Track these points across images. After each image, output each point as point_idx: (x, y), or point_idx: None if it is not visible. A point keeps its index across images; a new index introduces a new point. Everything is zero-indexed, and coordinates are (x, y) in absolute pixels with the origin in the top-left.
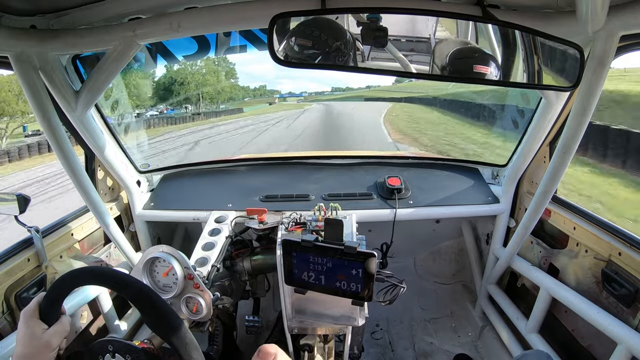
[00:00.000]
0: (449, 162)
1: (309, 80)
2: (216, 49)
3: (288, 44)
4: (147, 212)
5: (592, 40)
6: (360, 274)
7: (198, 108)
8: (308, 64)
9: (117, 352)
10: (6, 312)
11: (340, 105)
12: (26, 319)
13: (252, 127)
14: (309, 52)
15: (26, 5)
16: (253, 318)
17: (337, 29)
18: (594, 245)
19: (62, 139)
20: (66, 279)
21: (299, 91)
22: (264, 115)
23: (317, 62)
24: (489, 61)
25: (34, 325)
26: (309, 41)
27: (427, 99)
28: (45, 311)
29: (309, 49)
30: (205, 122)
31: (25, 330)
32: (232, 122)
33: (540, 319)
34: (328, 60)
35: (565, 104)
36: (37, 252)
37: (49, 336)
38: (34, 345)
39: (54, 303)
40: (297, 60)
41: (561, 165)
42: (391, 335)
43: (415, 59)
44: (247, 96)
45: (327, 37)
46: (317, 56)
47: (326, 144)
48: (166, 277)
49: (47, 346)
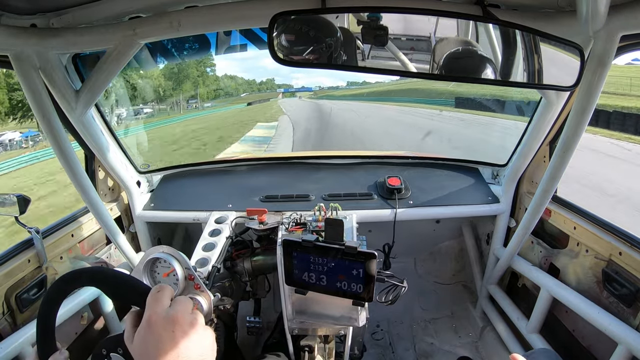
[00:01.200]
0: (449, 162)
1: (326, 75)
2: (216, 48)
3: (284, 41)
4: (147, 212)
5: (593, 40)
6: (360, 274)
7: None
8: (308, 63)
9: (110, 351)
10: (6, 313)
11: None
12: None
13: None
14: (303, 47)
15: (26, 4)
16: (254, 319)
17: (334, 28)
18: (595, 245)
19: (62, 139)
20: (40, 314)
21: (313, 86)
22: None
23: (318, 61)
24: (489, 61)
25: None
26: (293, 36)
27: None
28: (41, 354)
29: (303, 45)
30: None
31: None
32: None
33: (541, 319)
34: (328, 59)
35: (565, 104)
36: (38, 253)
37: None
38: None
39: (45, 343)
40: (297, 59)
41: (561, 165)
42: (392, 335)
43: (415, 58)
44: (249, 90)
45: (316, 34)
46: (314, 53)
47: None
48: (167, 277)
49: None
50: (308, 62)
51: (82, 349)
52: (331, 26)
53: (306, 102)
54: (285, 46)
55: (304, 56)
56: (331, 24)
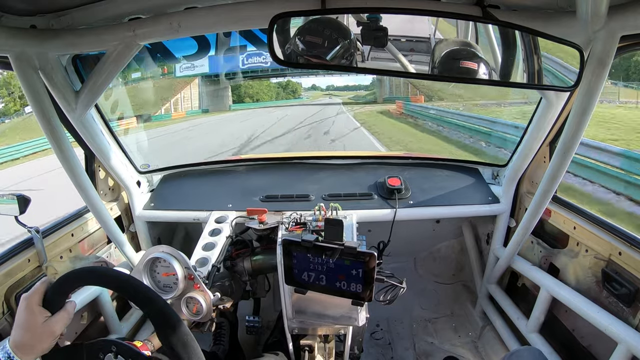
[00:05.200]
0: (449, 162)
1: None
2: (216, 49)
3: (295, 42)
4: (147, 212)
5: (592, 40)
6: (360, 274)
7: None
8: (309, 64)
9: (120, 354)
10: (6, 312)
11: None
12: (29, 306)
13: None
14: (315, 50)
15: (26, 5)
16: (253, 318)
17: (344, 29)
18: (594, 244)
19: (62, 139)
20: (79, 272)
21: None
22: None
23: (318, 62)
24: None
25: (37, 313)
26: (319, 38)
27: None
28: (51, 299)
29: (318, 48)
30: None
31: (26, 317)
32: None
33: (541, 318)
34: (331, 60)
35: (565, 104)
36: (38, 253)
37: (53, 324)
38: (36, 333)
39: (62, 294)
40: (297, 60)
41: (561, 165)
42: (391, 335)
43: (415, 59)
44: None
45: (337, 36)
46: (324, 55)
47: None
48: (166, 277)
49: (50, 334)
50: (308, 64)
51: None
52: (342, 26)
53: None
54: (292, 46)
55: (306, 56)
56: (341, 24)
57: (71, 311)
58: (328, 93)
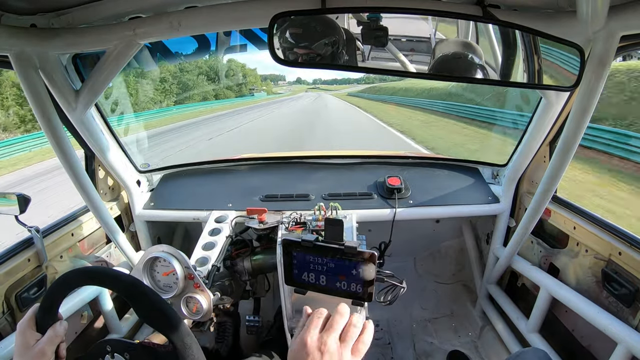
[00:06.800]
0: (448, 161)
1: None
2: (216, 48)
3: (285, 40)
4: (147, 212)
5: (593, 40)
6: (360, 274)
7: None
8: (309, 64)
9: (115, 351)
10: (6, 312)
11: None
12: (21, 330)
13: None
14: (302, 42)
15: (26, 4)
16: (253, 318)
17: (330, 22)
18: (594, 244)
19: (62, 138)
20: (59, 283)
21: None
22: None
23: (318, 61)
24: (489, 62)
25: (28, 336)
26: (300, 29)
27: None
28: (41, 321)
29: (303, 39)
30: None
31: (19, 341)
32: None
33: (541, 318)
34: (329, 59)
35: (565, 104)
36: (38, 252)
37: (42, 344)
38: (28, 356)
39: (48, 311)
40: (297, 59)
41: (561, 165)
42: (391, 335)
43: (415, 59)
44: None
45: (323, 29)
46: (311, 46)
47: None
48: (166, 276)
49: (41, 355)
50: (308, 63)
51: (82, 348)
52: (334, 25)
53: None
54: (286, 46)
55: (305, 56)
56: (335, 23)
57: (60, 331)
58: (314, 87)
